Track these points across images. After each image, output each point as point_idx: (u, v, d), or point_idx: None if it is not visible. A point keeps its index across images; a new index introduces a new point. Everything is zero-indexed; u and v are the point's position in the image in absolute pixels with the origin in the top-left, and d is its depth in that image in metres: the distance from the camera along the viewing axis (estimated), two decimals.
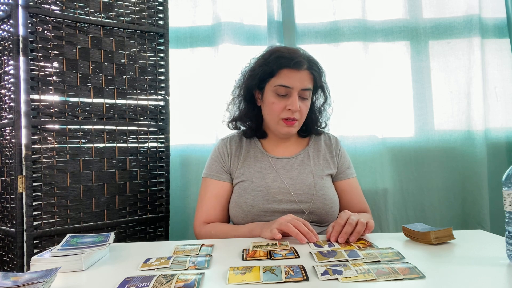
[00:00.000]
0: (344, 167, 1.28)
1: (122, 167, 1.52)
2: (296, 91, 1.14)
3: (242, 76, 1.26)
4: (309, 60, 1.17)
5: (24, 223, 1.30)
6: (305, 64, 1.14)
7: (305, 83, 1.15)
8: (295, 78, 1.13)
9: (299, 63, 1.13)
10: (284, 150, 1.26)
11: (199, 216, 1.20)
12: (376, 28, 1.81)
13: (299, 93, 1.15)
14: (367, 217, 1.16)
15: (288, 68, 1.13)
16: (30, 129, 1.32)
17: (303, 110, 1.17)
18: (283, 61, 1.14)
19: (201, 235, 1.17)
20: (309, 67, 1.16)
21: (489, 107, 1.80)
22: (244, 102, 1.26)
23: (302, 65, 1.13)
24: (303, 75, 1.14)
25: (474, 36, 1.77)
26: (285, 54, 1.15)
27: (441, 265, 0.74)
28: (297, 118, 1.16)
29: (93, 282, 0.73)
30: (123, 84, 1.53)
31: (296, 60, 1.12)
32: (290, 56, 1.14)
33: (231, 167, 1.24)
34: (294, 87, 1.14)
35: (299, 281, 0.67)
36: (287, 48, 1.20)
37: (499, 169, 1.76)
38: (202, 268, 0.76)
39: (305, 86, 1.15)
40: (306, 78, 1.15)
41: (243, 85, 1.24)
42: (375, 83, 1.79)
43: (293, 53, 1.15)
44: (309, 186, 1.18)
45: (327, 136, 1.33)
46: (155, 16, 1.61)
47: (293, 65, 1.13)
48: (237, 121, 1.29)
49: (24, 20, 1.32)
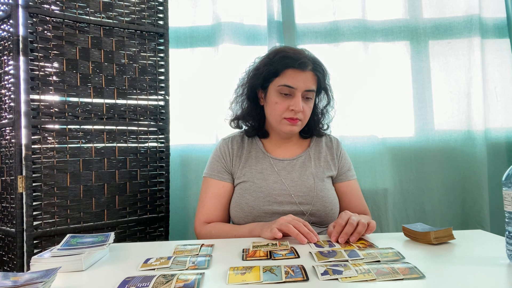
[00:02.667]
0: (345, 169, 1.28)
1: (122, 167, 1.52)
2: (300, 91, 1.14)
3: (246, 74, 1.26)
4: (314, 62, 1.17)
5: (24, 223, 1.30)
6: (310, 65, 1.15)
7: (309, 84, 1.15)
8: (299, 79, 1.13)
9: (304, 64, 1.13)
10: (285, 152, 1.26)
11: (199, 216, 1.20)
12: (376, 28, 1.81)
13: (302, 93, 1.15)
14: (367, 218, 1.15)
15: (292, 68, 1.13)
16: (30, 129, 1.32)
17: (306, 111, 1.17)
18: (288, 61, 1.14)
19: (202, 235, 1.17)
20: (314, 68, 1.16)
21: (489, 107, 1.80)
22: (247, 101, 1.26)
23: (307, 65, 1.13)
24: (307, 76, 1.14)
25: (474, 36, 1.77)
26: (290, 54, 1.15)
27: (441, 265, 0.74)
28: (300, 118, 1.16)
29: (93, 282, 0.73)
30: (123, 84, 1.53)
31: (301, 60, 1.12)
32: (296, 56, 1.14)
33: (233, 167, 1.23)
34: (298, 87, 1.14)
35: (299, 281, 0.67)
36: (292, 48, 1.20)
37: (499, 169, 1.76)
38: (202, 268, 0.76)
39: (309, 87, 1.15)
40: (310, 79, 1.15)
41: (247, 83, 1.24)
42: (375, 83, 1.79)
43: (298, 54, 1.15)
44: (309, 188, 1.18)
45: (329, 137, 1.32)
46: (155, 16, 1.61)
47: (298, 66, 1.13)
48: (239, 119, 1.29)
49: (24, 20, 1.32)
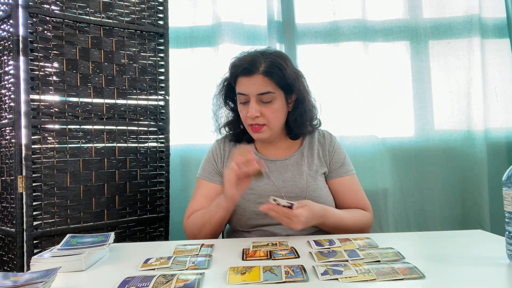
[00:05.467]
0: (337, 165, 1.23)
1: (122, 167, 1.52)
2: (252, 96, 1.11)
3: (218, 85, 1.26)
4: (268, 63, 1.10)
5: (24, 223, 1.30)
6: (258, 69, 1.10)
7: (260, 88, 1.10)
8: (249, 84, 1.11)
9: (247, 70, 1.10)
10: (277, 152, 1.24)
11: (187, 212, 1.21)
12: (376, 28, 1.81)
13: (258, 98, 1.11)
14: (316, 218, 1.04)
15: (241, 76, 1.13)
16: (30, 129, 1.32)
17: (267, 114, 1.13)
18: (234, 70, 1.14)
19: (187, 227, 1.18)
20: (265, 70, 1.10)
21: (489, 107, 1.80)
22: (226, 110, 1.27)
23: (252, 70, 1.10)
24: (256, 80, 1.10)
25: (474, 36, 1.77)
26: (236, 62, 1.15)
27: (441, 265, 0.74)
28: (261, 123, 1.13)
29: (93, 282, 0.73)
30: (123, 84, 1.53)
31: (244, 67, 1.10)
32: (240, 63, 1.13)
33: (224, 169, 1.23)
34: (249, 93, 1.12)
35: (299, 281, 0.67)
36: (243, 54, 1.17)
37: (499, 169, 1.76)
38: (202, 268, 0.76)
39: (261, 91, 1.10)
40: (260, 83, 1.10)
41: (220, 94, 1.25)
42: (375, 83, 1.79)
43: (243, 60, 1.13)
44: (301, 188, 1.16)
45: (321, 133, 1.29)
46: (155, 16, 1.61)
47: (242, 72, 1.12)
48: (226, 127, 1.29)
49: (24, 20, 1.32)
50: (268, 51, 1.16)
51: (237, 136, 1.27)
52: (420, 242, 0.99)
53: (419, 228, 1.76)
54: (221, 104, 1.27)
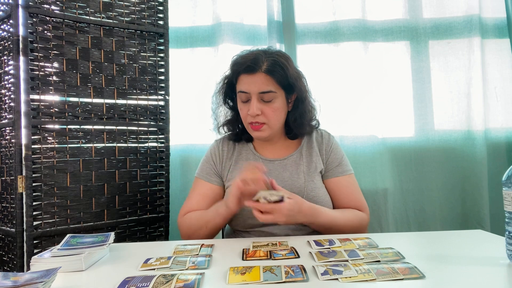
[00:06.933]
0: (333, 165, 1.22)
1: (122, 167, 1.52)
2: (254, 95, 1.11)
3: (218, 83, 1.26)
4: (270, 61, 1.11)
5: (24, 223, 1.30)
6: (260, 67, 1.10)
7: (262, 86, 1.11)
8: (250, 83, 1.11)
9: (250, 67, 1.10)
10: (276, 152, 1.24)
11: (182, 209, 1.22)
12: (376, 28, 1.81)
13: (259, 96, 1.12)
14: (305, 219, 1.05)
15: (243, 74, 1.12)
16: (30, 129, 1.32)
17: (268, 113, 1.13)
18: (236, 68, 1.14)
19: (181, 225, 1.19)
20: (267, 69, 1.10)
21: (489, 107, 1.80)
22: (226, 109, 1.27)
23: (254, 68, 1.10)
24: (259, 78, 1.10)
25: (474, 36, 1.77)
26: (238, 60, 1.15)
27: (441, 265, 0.74)
28: (261, 121, 1.13)
29: (93, 282, 0.73)
30: (123, 84, 1.53)
31: (247, 64, 1.10)
32: (242, 61, 1.13)
33: (223, 170, 1.23)
34: (250, 91, 1.12)
35: (299, 281, 0.67)
36: (246, 52, 1.17)
37: (499, 169, 1.76)
38: (202, 268, 0.76)
39: (262, 89, 1.11)
40: (263, 81, 1.10)
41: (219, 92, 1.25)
42: (375, 83, 1.79)
43: (246, 58, 1.13)
44: (299, 188, 1.16)
45: (319, 132, 1.28)
46: (155, 16, 1.61)
47: (245, 70, 1.11)
48: (225, 126, 1.29)
49: (24, 20, 1.32)
50: (270, 50, 1.17)
51: (236, 135, 1.27)
52: (420, 242, 0.99)
53: (419, 228, 1.76)
54: (221, 102, 1.27)
